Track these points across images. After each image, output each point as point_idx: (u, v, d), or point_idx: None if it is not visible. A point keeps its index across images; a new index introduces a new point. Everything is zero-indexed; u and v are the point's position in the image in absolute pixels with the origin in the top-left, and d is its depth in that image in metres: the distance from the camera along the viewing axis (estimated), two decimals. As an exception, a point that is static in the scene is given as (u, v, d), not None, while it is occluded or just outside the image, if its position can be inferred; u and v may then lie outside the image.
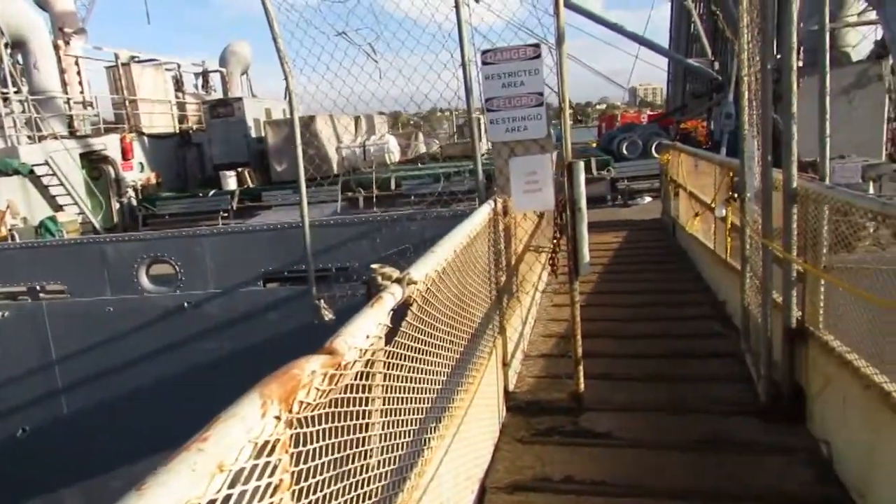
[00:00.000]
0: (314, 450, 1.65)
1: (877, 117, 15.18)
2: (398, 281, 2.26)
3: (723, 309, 6.88)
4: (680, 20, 28.01)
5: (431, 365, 2.86)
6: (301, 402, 1.50)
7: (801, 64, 15.82)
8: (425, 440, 2.80)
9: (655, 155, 16.53)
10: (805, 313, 4.37)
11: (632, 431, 4.55)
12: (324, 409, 1.73)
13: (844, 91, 14.91)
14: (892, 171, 12.06)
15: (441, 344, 3.04)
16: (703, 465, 4.10)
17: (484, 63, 4.60)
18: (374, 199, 17.19)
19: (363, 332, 1.93)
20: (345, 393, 1.92)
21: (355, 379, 1.99)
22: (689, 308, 7.30)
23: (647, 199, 16.27)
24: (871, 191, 10.93)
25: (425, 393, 2.78)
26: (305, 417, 1.59)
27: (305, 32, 5.52)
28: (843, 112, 13.69)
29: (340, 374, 1.75)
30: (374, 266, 2.29)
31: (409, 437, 2.59)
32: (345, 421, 1.98)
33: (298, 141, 6.25)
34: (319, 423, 1.70)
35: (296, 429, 1.48)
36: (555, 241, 4.75)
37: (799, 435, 4.28)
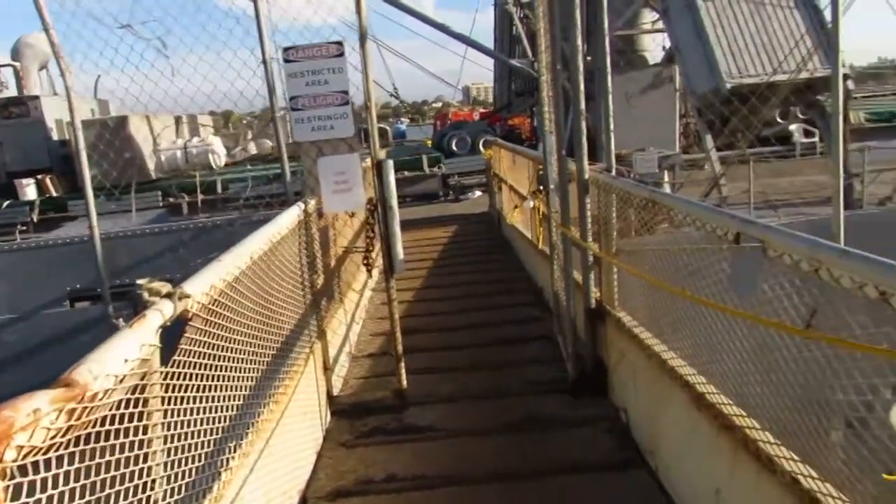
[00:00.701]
0: (56, 496, 1.47)
1: (670, 114, 16.91)
2: (168, 296, 2.10)
3: (541, 295, 7.30)
4: (503, 22, 29.34)
5: (227, 380, 2.71)
6: (21, 447, 1.32)
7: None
8: (224, 461, 2.64)
9: (483, 151, 17.20)
10: (602, 294, 4.74)
11: (453, 421, 4.67)
12: (70, 447, 1.55)
13: (642, 91, 16.47)
14: (682, 161, 13.56)
15: (239, 356, 2.89)
16: (519, 445, 4.31)
17: (286, 61, 4.46)
18: (199, 205, 16.23)
19: (120, 355, 1.76)
20: (105, 425, 1.75)
21: (119, 408, 1.82)
22: (511, 296, 7.67)
23: (477, 193, 16.91)
24: (667, 178, 12.17)
25: (221, 411, 2.63)
26: (36, 462, 1.41)
27: (84, 24, 4.99)
28: (637, 110, 15.08)
29: (87, 407, 1.58)
30: (140, 281, 2.11)
31: (203, 460, 2.43)
32: (112, 455, 1.80)
33: (81, 143, 5.64)
34: (64, 465, 1.53)
35: (13, 479, 1.31)
36: (368, 239, 4.74)
37: (602, 406, 4.64)
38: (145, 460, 2.06)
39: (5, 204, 17.15)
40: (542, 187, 5.69)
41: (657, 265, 3.66)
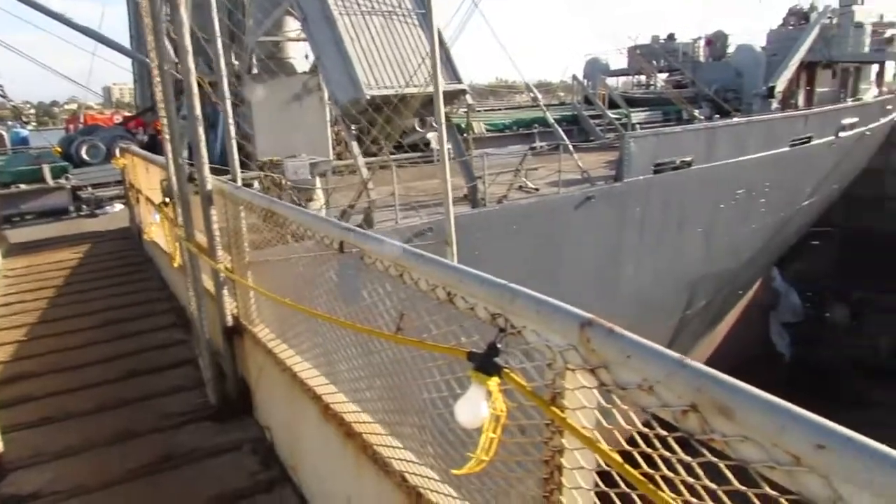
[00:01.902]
0: None
1: (322, 121, 17.32)
2: None
3: (184, 315, 6.72)
4: (138, 18, 26.73)
5: None
6: None
7: (255, 71, 16.91)
8: None
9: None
10: (240, 309, 4.49)
11: (70, 480, 3.94)
12: None
13: (294, 98, 16.55)
14: (333, 167, 13.97)
15: None
16: (155, 490, 3.84)
17: None
18: None
19: None
20: None
21: None
22: (152, 320, 6.91)
23: (118, 206, 15.04)
24: (319, 184, 12.40)
25: None
26: None
27: None
28: (291, 116, 15.15)
29: None
30: None
31: None
32: None
33: None
34: None
35: None
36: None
37: (247, 427, 4.41)
38: None
39: None
40: (169, 199, 5.18)
41: (281, 276, 3.57)
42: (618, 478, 1.36)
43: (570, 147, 15.34)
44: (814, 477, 1.01)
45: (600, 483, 1.50)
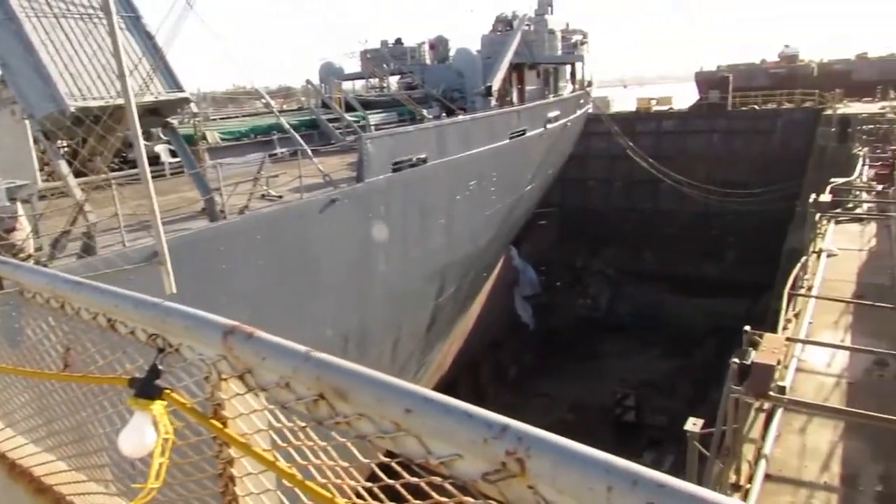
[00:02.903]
0: None
1: (20, 139, 15.06)
2: None
3: None
4: None
5: None
6: None
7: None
8: None
9: None
10: None
11: None
12: None
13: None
14: (38, 190, 12.23)
15: None
16: None
17: None
18: None
19: None
20: None
21: None
22: None
23: None
24: (22, 212, 10.78)
25: None
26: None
27: None
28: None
29: None
30: None
31: None
32: None
33: None
34: None
35: None
36: None
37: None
38: None
39: None
40: None
41: None
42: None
43: (309, 151, 15.33)
44: (410, 438, 1.15)
45: (270, 486, 1.55)
